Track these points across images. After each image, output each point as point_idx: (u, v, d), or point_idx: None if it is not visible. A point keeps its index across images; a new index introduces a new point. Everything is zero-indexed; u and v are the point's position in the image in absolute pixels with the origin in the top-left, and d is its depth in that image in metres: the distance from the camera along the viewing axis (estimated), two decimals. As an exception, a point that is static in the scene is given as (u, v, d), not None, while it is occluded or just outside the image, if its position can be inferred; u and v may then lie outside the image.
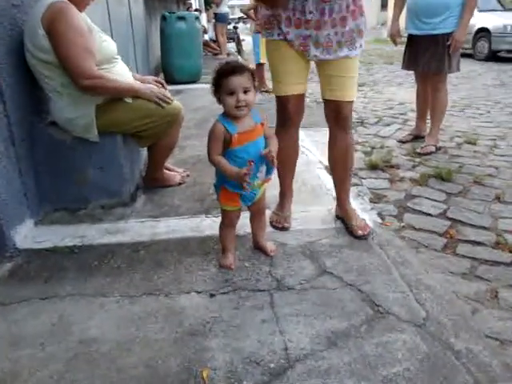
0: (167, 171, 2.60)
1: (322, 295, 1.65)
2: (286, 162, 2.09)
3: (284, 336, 1.44)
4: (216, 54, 9.53)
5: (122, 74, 2.23)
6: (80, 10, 2.09)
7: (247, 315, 1.54)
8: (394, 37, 3.54)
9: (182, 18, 5.74)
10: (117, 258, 1.90)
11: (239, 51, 11.20)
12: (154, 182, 2.55)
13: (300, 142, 2.22)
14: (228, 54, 9.92)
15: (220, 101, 1.63)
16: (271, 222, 2.13)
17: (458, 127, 4.18)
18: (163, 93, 2.28)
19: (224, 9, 9.27)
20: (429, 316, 1.52)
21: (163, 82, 2.54)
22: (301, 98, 2.01)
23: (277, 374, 1.30)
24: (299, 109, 2.04)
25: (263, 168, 1.67)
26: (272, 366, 1.33)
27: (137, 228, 2.16)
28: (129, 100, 2.18)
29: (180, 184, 2.61)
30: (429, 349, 1.38)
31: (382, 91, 6.02)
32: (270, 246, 1.91)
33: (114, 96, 2.16)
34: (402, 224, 2.35)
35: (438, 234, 2.23)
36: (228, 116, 1.62)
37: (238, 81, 1.55)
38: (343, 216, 2.13)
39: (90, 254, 1.95)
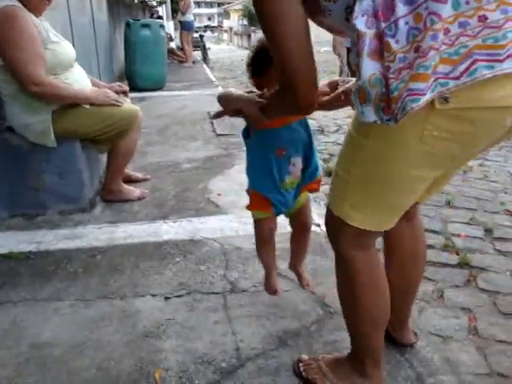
0: (126, 185, 2.56)
1: (275, 297, 1.69)
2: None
3: (236, 336, 1.49)
4: (181, 62, 9.55)
5: (78, 79, 2.24)
6: (36, 15, 2.08)
7: (201, 317, 1.58)
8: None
9: (146, 26, 5.76)
10: (73, 263, 1.90)
11: (205, 59, 11.28)
12: (111, 194, 2.49)
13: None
14: (194, 62, 9.97)
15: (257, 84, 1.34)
16: None
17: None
18: (116, 97, 2.31)
19: (189, 17, 9.35)
20: (375, 314, 1.60)
21: (126, 87, 2.56)
22: None
23: (228, 373, 1.34)
24: None
25: (298, 162, 1.37)
26: (223, 365, 1.37)
27: (94, 233, 2.16)
28: (86, 105, 2.19)
29: (139, 199, 2.53)
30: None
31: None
32: (307, 275, 1.65)
33: (65, 102, 2.16)
34: (356, 228, 2.44)
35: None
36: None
37: None
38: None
39: (46, 259, 1.94)
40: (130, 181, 2.69)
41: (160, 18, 6.70)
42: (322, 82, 1.36)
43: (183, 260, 1.94)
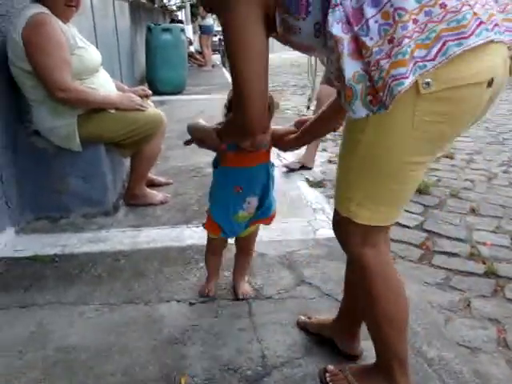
0: (149, 189, 2.58)
1: (300, 304, 1.68)
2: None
3: (261, 344, 1.47)
4: (201, 66, 9.63)
5: (103, 84, 2.26)
6: (63, 22, 2.12)
7: (225, 324, 1.57)
8: None
9: (167, 30, 5.81)
10: (97, 267, 1.91)
11: (224, 63, 11.33)
12: (134, 198, 2.51)
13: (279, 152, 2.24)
14: (213, 66, 10.03)
15: None
16: None
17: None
18: (140, 102, 2.32)
19: (209, 21, 9.41)
20: (402, 324, 1.57)
21: (149, 91, 2.58)
22: None
23: (253, 381, 1.32)
24: None
25: (253, 201, 1.50)
26: (249, 373, 1.35)
27: (118, 237, 2.17)
28: (111, 110, 2.21)
29: (162, 203, 2.54)
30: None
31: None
32: (243, 288, 1.72)
33: (90, 107, 2.19)
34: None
35: (414, 245, 2.29)
36: None
37: None
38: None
39: (71, 262, 1.96)
40: (152, 185, 2.70)
41: (181, 22, 6.75)
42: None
43: (206, 265, 1.93)
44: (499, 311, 1.78)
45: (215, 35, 10.51)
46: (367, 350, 1.42)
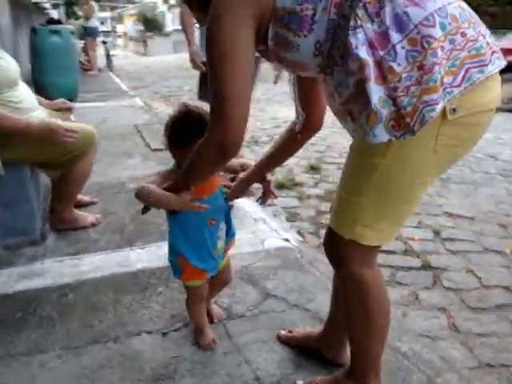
0: (78, 211, 2.36)
1: (274, 319, 1.68)
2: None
3: (250, 365, 1.44)
4: (86, 70, 8.99)
5: (25, 98, 2.01)
6: None
7: (207, 350, 1.50)
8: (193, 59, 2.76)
9: (55, 32, 5.32)
10: (43, 306, 1.69)
11: (110, 67, 10.76)
12: (63, 223, 2.27)
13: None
14: (99, 70, 9.47)
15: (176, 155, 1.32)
16: None
17: (341, 143, 4.56)
18: (68, 127, 2.01)
19: (94, 22, 8.85)
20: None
21: (70, 104, 2.35)
22: None
23: (257, 406, 1.29)
24: None
25: (223, 226, 1.43)
26: (250, 398, 1.32)
27: (56, 268, 1.95)
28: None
29: (94, 225, 2.33)
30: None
31: (265, 109, 6.33)
32: (215, 311, 1.67)
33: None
34: (321, 240, 2.51)
35: (354, 246, 2.43)
36: None
37: None
38: None
39: (7, 305, 1.71)
40: (76, 205, 2.46)
41: (59, 22, 6.17)
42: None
43: (166, 290, 1.83)
44: (443, 300, 1.98)
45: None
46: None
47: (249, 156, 3.91)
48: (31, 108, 2.03)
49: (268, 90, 7.80)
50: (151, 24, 30.34)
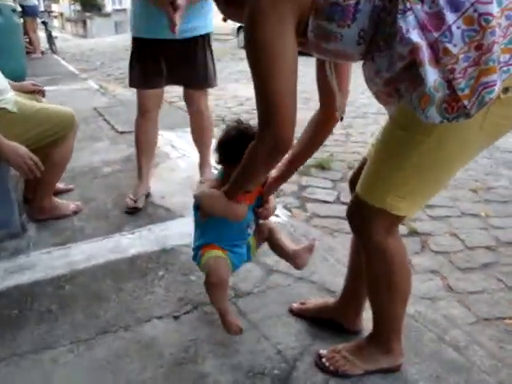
0: (57, 199, 2.22)
1: (282, 293, 1.68)
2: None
3: (270, 340, 1.44)
4: (29, 53, 8.41)
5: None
6: None
7: (224, 329, 1.48)
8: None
9: (-5, 11, 4.89)
10: (41, 301, 1.60)
11: (53, 49, 10.14)
12: (43, 212, 2.14)
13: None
14: (42, 53, 8.91)
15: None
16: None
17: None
18: (34, 160, 1.78)
19: (32, 0, 8.23)
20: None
21: (42, 87, 2.19)
22: None
23: (285, 379, 1.29)
24: None
25: (253, 226, 1.48)
26: (276, 372, 1.32)
27: (45, 260, 1.84)
28: (13, 109, 1.82)
29: (76, 213, 2.22)
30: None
31: (225, 88, 6.21)
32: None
33: None
34: (308, 214, 2.53)
35: (343, 218, 2.46)
36: None
37: None
38: None
39: (1, 302, 1.59)
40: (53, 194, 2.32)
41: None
42: None
43: (167, 273, 1.78)
44: (434, 263, 2.06)
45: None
46: (367, 319, 1.50)
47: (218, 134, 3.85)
48: (3, 90, 1.87)
49: (223, 68, 7.67)
50: (89, 3, 28.75)
